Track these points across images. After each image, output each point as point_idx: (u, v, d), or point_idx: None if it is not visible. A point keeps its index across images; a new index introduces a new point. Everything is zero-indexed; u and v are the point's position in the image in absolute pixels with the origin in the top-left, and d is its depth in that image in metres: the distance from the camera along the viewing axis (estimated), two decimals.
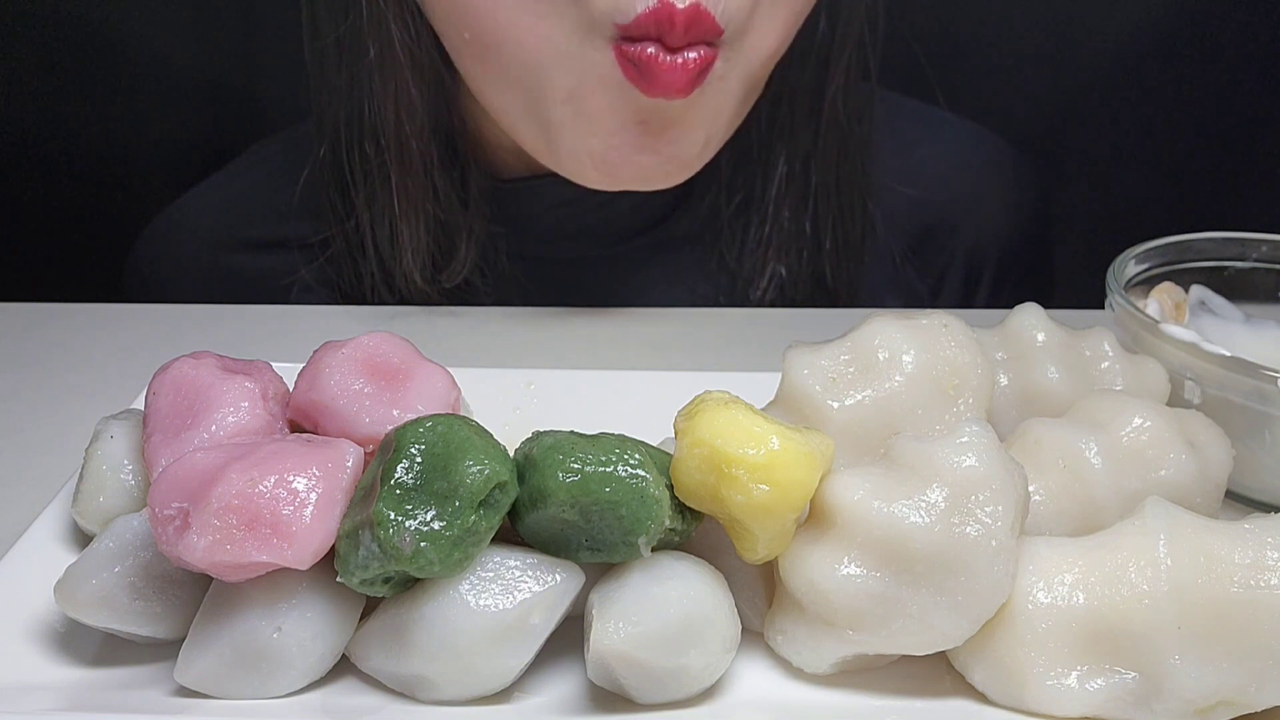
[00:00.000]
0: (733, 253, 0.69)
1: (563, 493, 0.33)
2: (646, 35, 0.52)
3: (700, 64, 0.53)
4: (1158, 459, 0.39)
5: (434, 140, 0.63)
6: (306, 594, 0.34)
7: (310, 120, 0.66)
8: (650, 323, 0.65)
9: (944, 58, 0.71)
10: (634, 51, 0.52)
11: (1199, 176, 0.95)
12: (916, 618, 0.34)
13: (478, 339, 0.63)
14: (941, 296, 0.74)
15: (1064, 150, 0.95)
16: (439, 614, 0.33)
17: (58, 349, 0.61)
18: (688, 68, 0.53)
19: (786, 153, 0.67)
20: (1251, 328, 0.52)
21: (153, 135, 0.93)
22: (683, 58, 0.52)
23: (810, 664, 0.36)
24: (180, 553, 0.33)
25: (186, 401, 0.39)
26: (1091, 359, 0.45)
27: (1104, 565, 0.34)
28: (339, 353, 0.40)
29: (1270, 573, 0.32)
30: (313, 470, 0.34)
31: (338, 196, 0.66)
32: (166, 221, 0.74)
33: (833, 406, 0.39)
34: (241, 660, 0.34)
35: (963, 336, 0.40)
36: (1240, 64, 0.91)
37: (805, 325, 0.64)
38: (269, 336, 0.62)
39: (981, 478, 0.34)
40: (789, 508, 0.34)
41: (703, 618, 0.34)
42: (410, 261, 0.64)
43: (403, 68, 0.60)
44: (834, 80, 0.65)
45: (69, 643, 0.37)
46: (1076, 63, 0.93)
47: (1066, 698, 0.34)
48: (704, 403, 0.35)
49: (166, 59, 0.91)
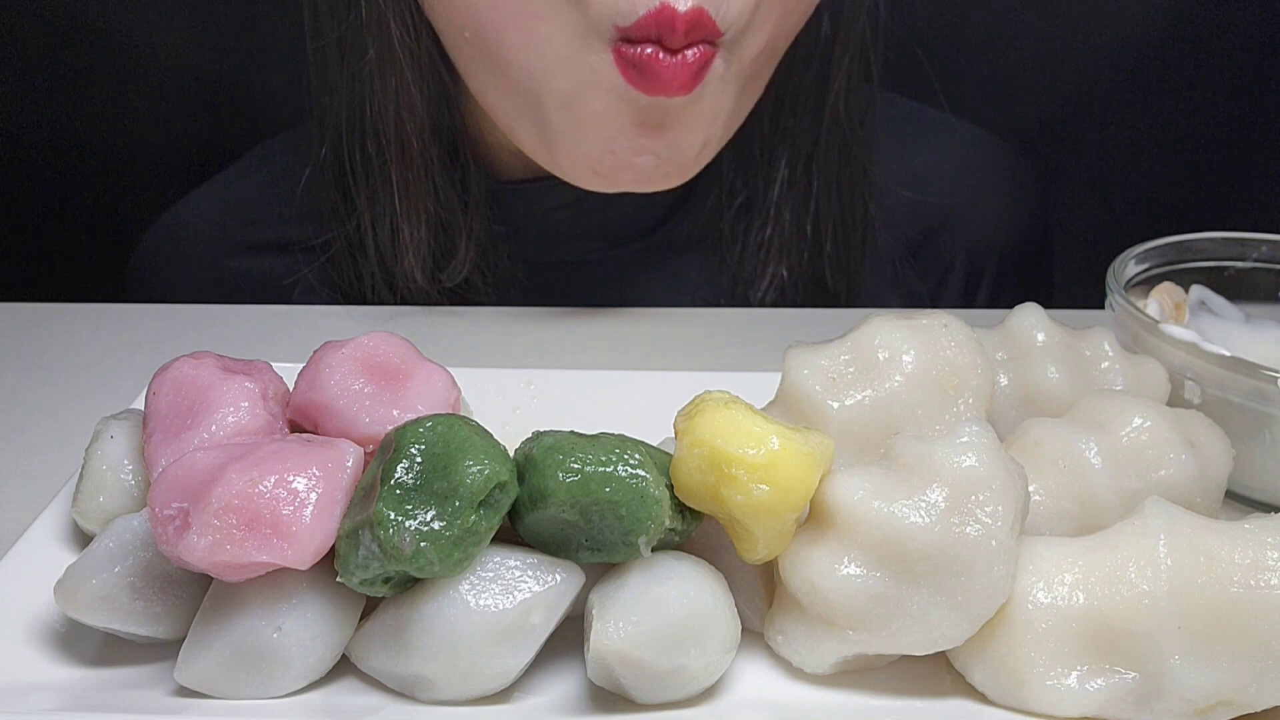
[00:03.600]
0: (733, 254, 0.69)
1: (563, 493, 0.33)
2: (646, 37, 0.52)
3: (700, 60, 0.53)
4: (1158, 459, 0.39)
5: (434, 140, 0.63)
6: (306, 594, 0.34)
7: (311, 119, 0.66)
8: (650, 323, 0.65)
9: (944, 58, 0.71)
10: (633, 53, 0.53)
11: (1199, 176, 0.95)
12: (916, 618, 0.34)
13: (478, 339, 0.63)
14: (942, 298, 0.74)
15: (1064, 150, 0.95)
16: (439, 614, 0.33)
17: (58, 349, 0.61)
18: (687, 65, 0.53)
19: (788, 155, 0.67)
20: (1251, 328, 0.52)
21: (153, 135, 0.93)
22: (682, 56, 0.53)
23: (810, 664, 0.36)
24: (180, 553, 0.33)
25: (186, 401, 0.39)
26: (1091, 359, 0.45)
27: (1104, 565, 0.34)
28: (339, 353, 0.40)
29: (1270, 573, 0.32)
30: (313, 470, 0.34)
31: (339, 196, 0.66)
32: (168, 226, 0.74)
33: (833, 406, 0.39)
34: (241, 660, 0.34)
35: (963, 336, 0.40)
36: (1240, 64, 0.91)
37: (805, 325, 0.64)
38: (269, 336, 0.62)
39: (981, 478, 0.34)
40: (789, 508, 0.34)
41: (703, 618, 0.34)
42: (411, 261, 0.64)
43: (403, 67, 0.60)
44: (836, 82, 0.65)
45: (69, 643, 0.37)
46: (1076, 63, 0.93)
47: (1066, 698, 0.34)
48: (704, 403, 0.35)
49: (167, 59, 0.91)
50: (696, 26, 0.52)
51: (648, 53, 0.52)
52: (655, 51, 0.52)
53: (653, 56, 0.52)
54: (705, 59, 0.53)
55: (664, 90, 0.53)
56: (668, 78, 0.53)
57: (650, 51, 0.52)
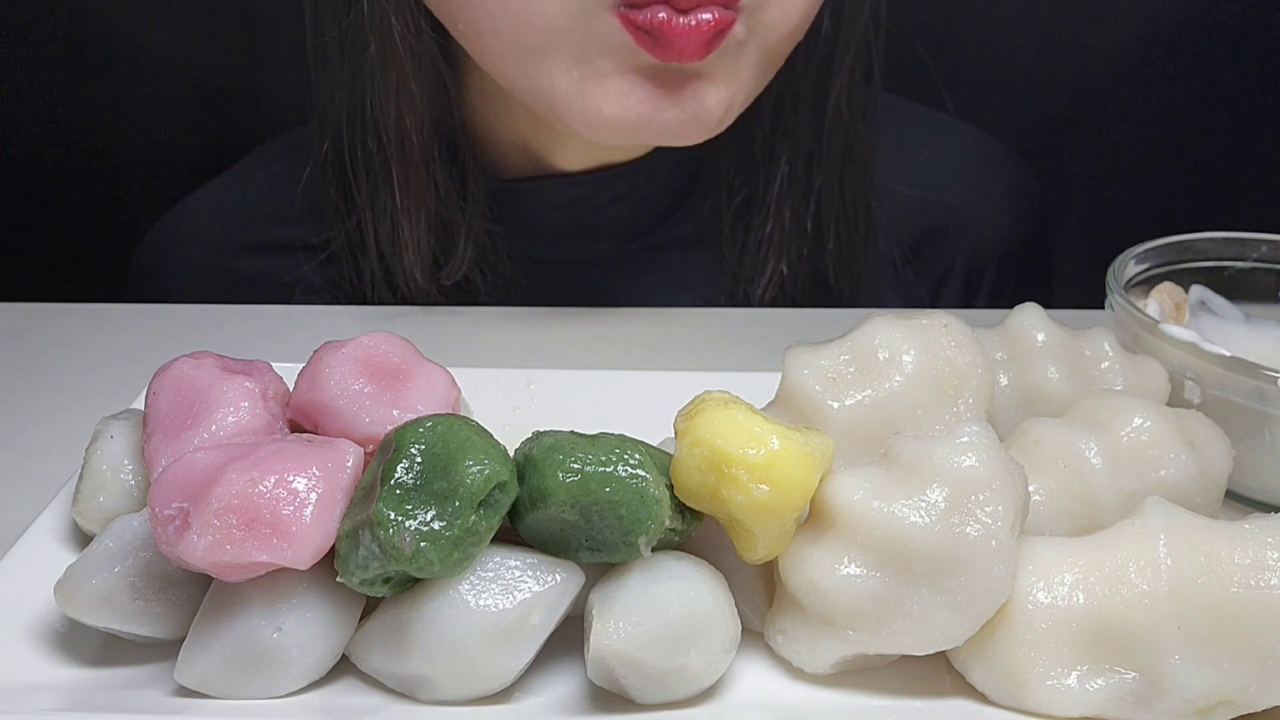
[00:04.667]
0: (734, 252, 0.69)
1: (563, 493, 0.33)
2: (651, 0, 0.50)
3: (716, 26, 0.51)
4: (1158, 459, 0.39)
5: (435, 136, 0.63)
6: (306, 594, 0.34)
7: (312, 117, 0.66)
8: (650, 323, 0.65)
9: (945, 59, 0.71)
10: (643, 19, 0.51)
11: (1199, 176, 0.95)
12: (916, 618, 0.34)
13: (478, 339, 0.63)
14: (942, 298, 0.74)
15: (1064, 150, 0.95)
16: (439, 614, 0.33)
17: (58, 349, 0.61)
18: (701, 29, 0.51)
19: (789, 152, 0.67)
20: (1251, 328, 0.52)
21: (153, 135, 0.93)
22: (695, 19, 0.50)
23: (810, 664, 0.36)
24: (180, 553, 0.33)
25: (186, 401, 0.39)
26: (1091, 359, 0.45)
27: (1104, 565, 0.34)
28: (339, 353, 0.40)
29: (1270, 573, 0.32)
30: (313, 470, 0.34)
31: (339, 194, 0.66)
32: (169, 227, 0.74)
33: (833, 406, 0.39)
34: (241, 660, 0.34)
35: (963, 336, 0.40)
36: (1240, 64, 0.91)
37: (805, 325, 0.64)
38: (269, 336, 0.62)
39: (981, 478, 0.34)
40: (789, 508, 0.34)
41: (703, 618, 0.34)
42: (411, 258, 0.64)
43: (403, 63, 0.60)
44: (838, 81, 0.65)
45: (69, 643, 0.37)
46: (1076, 63, 0.93)
47: (1066, 698, 0.34)
48: (704, 403, 0.35)
49: (167, 60, 0.91)
50: None
51: (660, 17, 0.50)
52: (667, 15, 0.50)
53: (665, 21, 0.50)
54: (723, 24, 0.51)
55: (677, 55, 0.51)
56: (681, 43, 0.51)
57: (662, 16, 0.50)
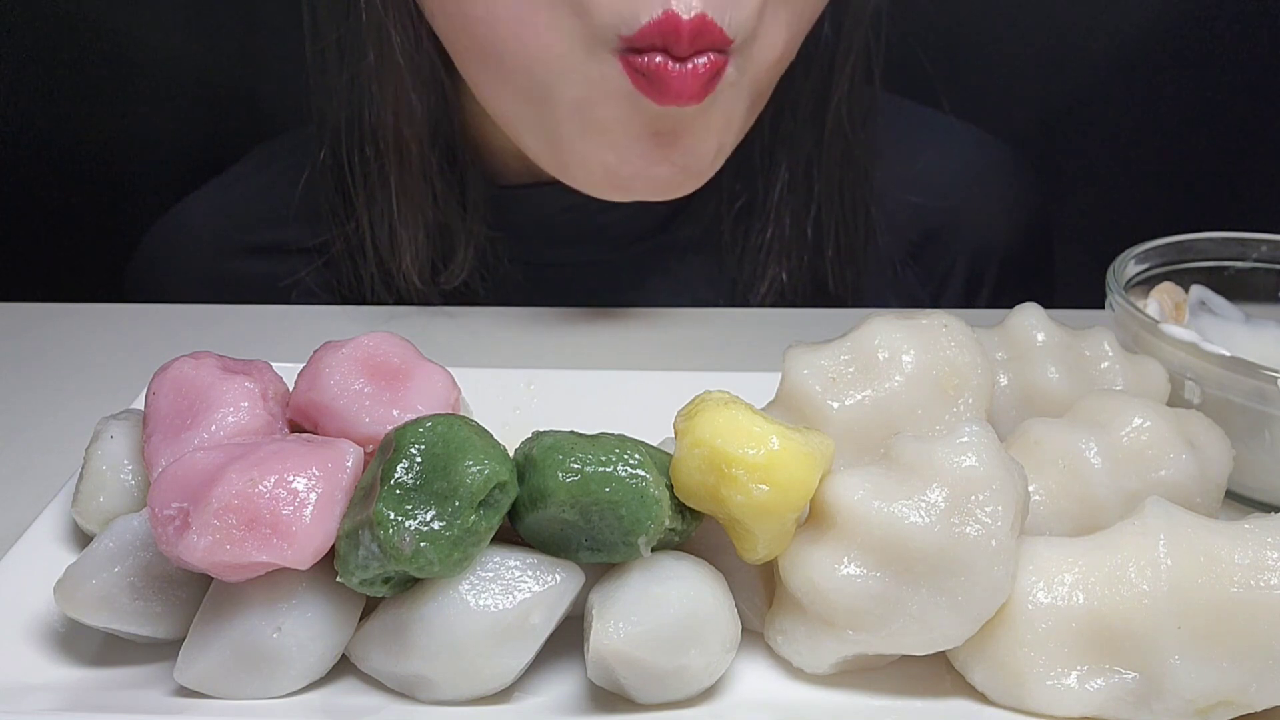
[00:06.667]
0: (733, 257, 0.69)
1: (563, 493, 0.33)
2: (652, 46, 0.51)
3: (710, 69, 0.52)
4: (1158, 459, 0.39)
5: (433, 144, 0.63)
6: (306, 594, 0.34)
7: (311, 121, 0.66)
8: (650, 323, 0.65)
9: (945, 59, 0.71)
10: (641, 62, 0.52)
11: (1199, 176, 0.95)
12: (916, 618, 0.34)
13: (478, 339, 0.63)
14: (943, 300, 0.74)
15: (1064, 151, 0.95)
16: (439, 614, 0.33)
17: (58, 349, 0.61)
18: (698, 74, 0.52)
19: (789, 158, 0.67)
20: (1251, 328, 0.52)
21: (153, 136, 0.93)
22: (692, 64, 0.52)
23: (810, 664, 0.35)
24: (180, 553, 0.33)
25: (186, 401, 0.39)
26: (1091, 359, 0.45)
27: (1104, 565, 0.34)
28: (339, 353, 0.40)
29: (1270, 573, 0.32)
30: (313, 470, 0.34)
31: (338, 198, 0.66)
32: (167, 228, 0.74)
33: (833, 406, 0.39)
34: (241, 660, 0.34)
35: (963, 336, 0.40)
36: (1240, 64, 0.92)
37: (805, 325, 0.64)
38: (269, 336, 0.62)
39: (981, 478, 0.34)
40: (789, 508, 0.34)
41: (703, 618, 0.33)
42: (409, 264, 0.64)
43: (401, 72, 0.60)
44: (838, 86, 0.65)
45: (69, 643, 0.37)
46: (1076, 63, 0.93)
47: (1066, 698, 0.34)
48: (704, 403, 0.35)
49: (168, 61, 0.91)
50: (702, 34, 0.51)
51: (656, 61, 0.51)
52: (664, 61, 0.51)
53: (661, 66, 0.51)
54: (716, 67, 0.52)
55: (674, 99, 0.52)
56: (678, 87, 0.52)
57: (659, 61, 0.51)
